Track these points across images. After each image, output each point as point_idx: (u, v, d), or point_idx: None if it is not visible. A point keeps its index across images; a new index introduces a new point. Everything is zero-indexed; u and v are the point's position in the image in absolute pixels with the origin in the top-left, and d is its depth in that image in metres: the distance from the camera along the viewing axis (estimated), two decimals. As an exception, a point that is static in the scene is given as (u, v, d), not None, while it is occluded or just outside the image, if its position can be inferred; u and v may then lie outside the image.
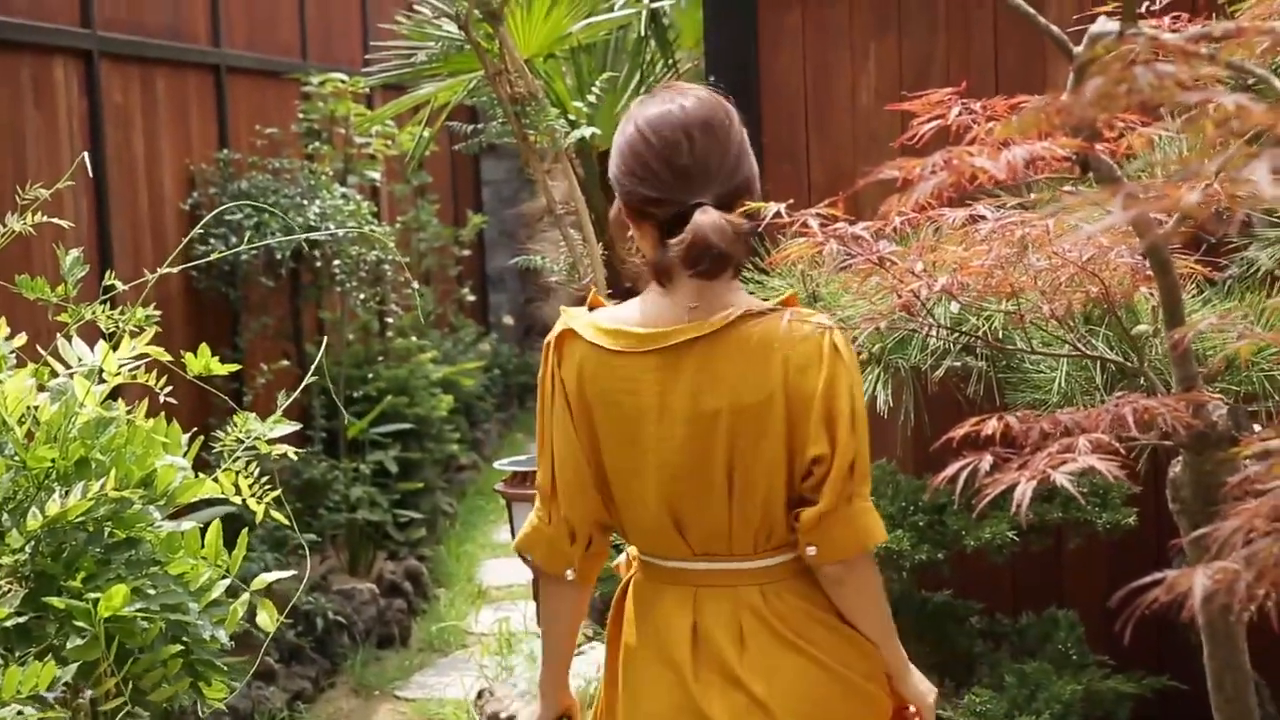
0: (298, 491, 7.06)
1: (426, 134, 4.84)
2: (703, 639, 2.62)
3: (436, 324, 10.01)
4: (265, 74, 7.75)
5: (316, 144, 7.64)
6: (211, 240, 6.42)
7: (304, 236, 4.18)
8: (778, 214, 2.05)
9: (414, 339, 8.48)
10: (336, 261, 7.30)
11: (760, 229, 2.34)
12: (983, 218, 2.04)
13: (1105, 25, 1.60)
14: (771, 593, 2.63)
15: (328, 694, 6.48)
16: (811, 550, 2.59)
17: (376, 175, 7.94)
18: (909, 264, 1.98)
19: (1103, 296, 2.03)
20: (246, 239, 6.30)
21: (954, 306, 2.13)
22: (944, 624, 4.06)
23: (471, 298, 10.75)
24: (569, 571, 2.72)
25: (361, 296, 7.59)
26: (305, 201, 6.90)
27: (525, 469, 4.13)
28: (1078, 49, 1.66)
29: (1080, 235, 1.77)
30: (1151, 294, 2.24)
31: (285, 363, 7.07)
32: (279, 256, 6.84)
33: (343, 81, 7.60)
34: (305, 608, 6.55)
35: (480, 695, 5.95)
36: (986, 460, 1.83)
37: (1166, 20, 1.77)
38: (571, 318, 2.64)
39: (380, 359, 8.20)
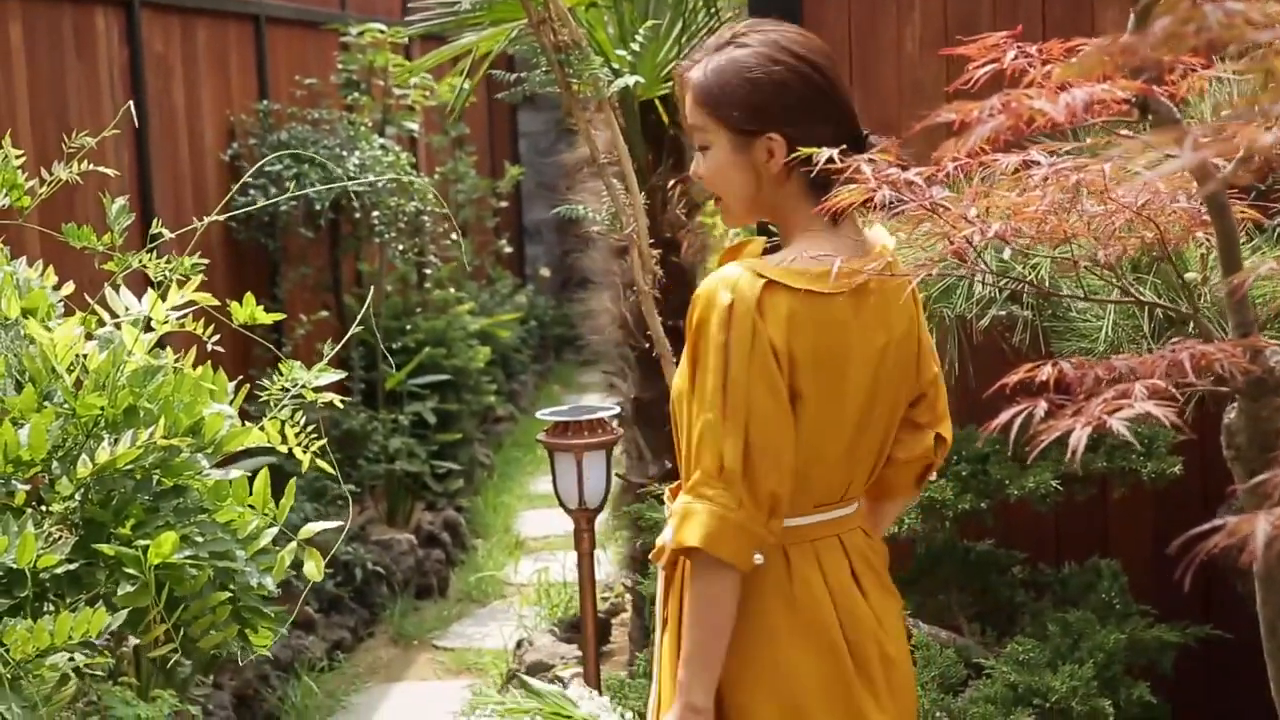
0: (337, 442, 7.08)
1: (467, 85, 4.82)
2: (837, 594, 2.55)
3: (473, 276, 10.02)
4: (304, 24, 7.74)
5: (355, 95, 7.63)
6: (251, 191, 6.43)
7: (345, 185, 4.18)
8: (830, 160, 2.03)
9: (452, 291, 8.49)
10: (375, 213, 7.29)
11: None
12: (1036, 163, 2.02)
13: (1168, -35, 1.57)
14: (865, 532, 2.66)
15: (367, 643, 6.52)
16: (933, 475, 2.78)
17: (415, 126, 7.93)
18: (962, 209, 1.96)
19: (1158, 242, 2.01)
20: (287, 190, 6.30)
21: (1006, 253, 2.11)
22: (986, 573, 4.05)
23: (509, 249, 10.74)
24: (758, 555, 2.45)
25: (400, 248, 7.59)
26: (345, 152, 6.89)
27: (567, 419, 4.13)
28: (1139, -10, 1.64)
29: (1143, 179, 1.75)
30: (1205, 240, 2.22)
31: (324, 314, 7.08)
32: (318, 207, 6.83)
33: (381, 32, 7.57)
34: (344, 558, 6.58)
35: (520, 645, 5.97)
36: (1041, 406, 1.81)
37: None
38: (764, 268, 2.46)
39: (418, 310, 8.20)
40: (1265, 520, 1.48)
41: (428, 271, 8.27)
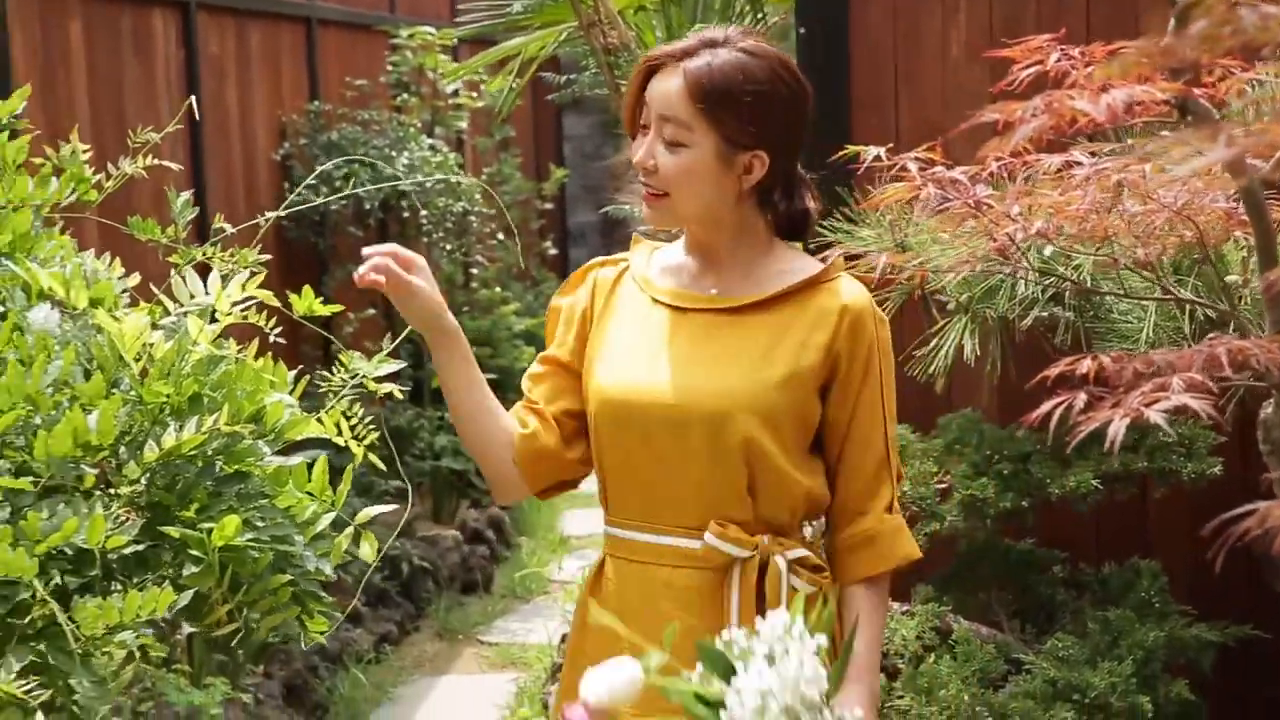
0: (384, 438, 7.14)
1: (516, 85, 4.89)
2: None
3: (518, 277, 10.10)
4: (354, 26, 7.84)
5: (405, 96, 7.72)
6: (303, 190, 6.51)
7: (396, 184, 4.24)
8: (877, 158, 2.09)
9: (498, 290, 8.56)
10: (424, 212, 7.38)
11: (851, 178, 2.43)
12: (1078, 163, 2.08)
13: (1207, -29, 1.63)
14: None
15: (412, 637, 6.60)
16: None
17: (463, 127, 8.02)
18: (1005, 208, 2.02)
19: (1197, 241, 2.06)
20: (338, 189, 6.40)
21: (1047, 251, 2.16)
22: (1026, 572, 4.10)
23: (553, 251, 10.81)
24: None
25: (448, 248, 7.68)
26: (394, 153, 6.98)
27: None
28: (1179, -6, 1.70)
29: (1176, 175, 1.80)
30: (1246, 240, 2.27)
31: (371, 311, 7.17)
32: (368, 207, 6.92)
33: (431, 34, 7.67)
34: (392, 553, 6.66)
35: (564, 639, 6.03)
36: (1080, 398, 1.87)
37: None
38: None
39: (465, 310, 8.28)
40: (1295, 506, 1.54)
41: (474, 271, 8.35)
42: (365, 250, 2.64)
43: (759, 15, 5.11)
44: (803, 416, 2.49)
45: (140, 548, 2.52)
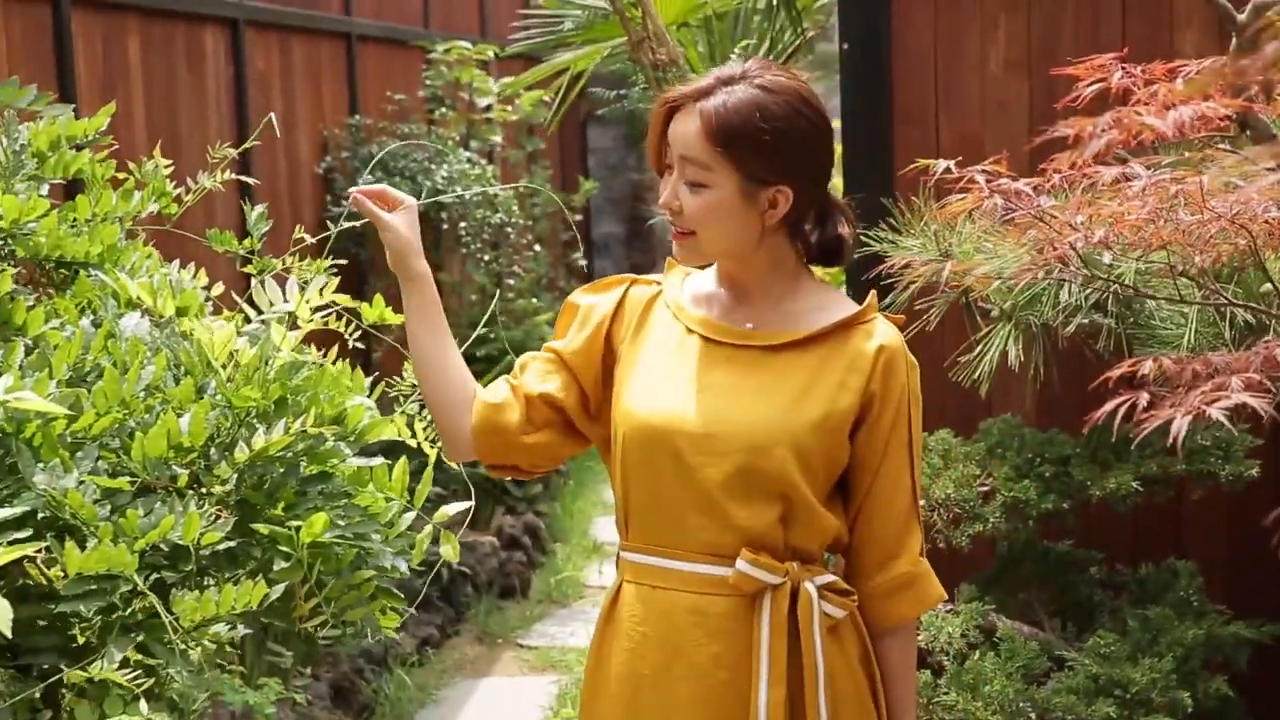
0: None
1: (566, 100, 5.01)
2: None
3: (547, 288, 10.22)
4: (392, 42, 7.97)
5: (442, 110, 7.84)
6: (343, 203, 6.63)
7: (447, 196, 4.38)
8: (948, 170, 2.20)
9: (533, 301, 8.68)
10: (463, 224, 7.50)
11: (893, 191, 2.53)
12: (1135, 175, 2.18)
13: (1267, -5, 1.75)
14: None
15: (453, 641, 6.71)
16: None
17: (498, 139, 8.14)
18: (1068, 217, 2.13)
19: (1250, 249, 2.17)
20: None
21: (1106, 259, 2.27)
22: (1065, 573, 4.19)
23: (582, 262, 10.93)
24: None
25: (485, 259, 7.80)
26: (433, 165, 7.11)
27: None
28: (1241, 16, 1.81)
29: (1238, 190, 1.91)
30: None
31: (412, 321, 7.27)
32: (407, 219, 7.05)
33: (467, 49, 7.79)
34: (431, 558, 6.75)
35: (604, 644, 6.14)
36: (1144, 398, 1.97)
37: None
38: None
39: (500, 319, 8.40)
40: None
41: (510, 282, 8.47)
42: (352, 190, 2.76)
43: (798, 31, 5.23)
44: (833, 458, 2.52)
45: (231, 544, 2.64)
